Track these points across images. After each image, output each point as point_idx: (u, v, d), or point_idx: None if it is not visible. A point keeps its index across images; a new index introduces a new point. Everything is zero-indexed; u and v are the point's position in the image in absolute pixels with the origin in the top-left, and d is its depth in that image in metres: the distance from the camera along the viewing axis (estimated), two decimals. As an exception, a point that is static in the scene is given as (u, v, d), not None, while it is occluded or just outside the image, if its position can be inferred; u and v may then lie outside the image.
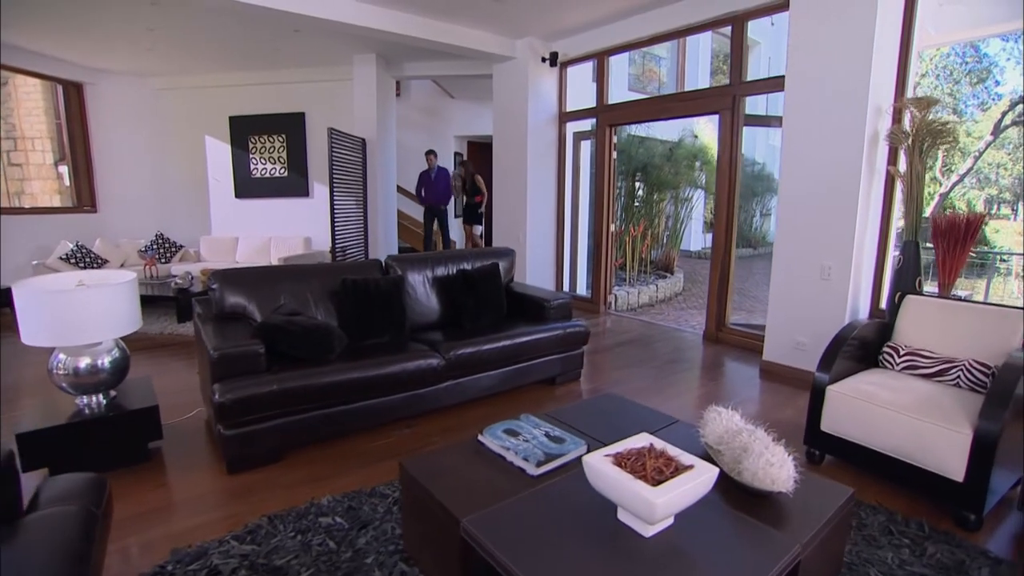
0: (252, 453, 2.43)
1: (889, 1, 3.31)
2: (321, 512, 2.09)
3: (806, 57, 3.52)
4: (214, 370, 2.39)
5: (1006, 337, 2.37)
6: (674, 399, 3.31)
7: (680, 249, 9.82)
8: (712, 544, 1.36)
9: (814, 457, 2.55)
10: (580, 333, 3.44)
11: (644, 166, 8.98)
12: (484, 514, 1.48)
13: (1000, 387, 2.02)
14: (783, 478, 1.49)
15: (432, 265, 3.47)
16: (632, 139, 9.04)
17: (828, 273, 3.55)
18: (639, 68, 12.25)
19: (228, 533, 1.95)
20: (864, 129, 3.31)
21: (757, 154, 13.38)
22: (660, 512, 1.25)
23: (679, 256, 9.60)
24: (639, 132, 9.07)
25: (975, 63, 11.81)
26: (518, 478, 1.68)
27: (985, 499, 2.01)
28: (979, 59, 11.78)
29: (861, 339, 2.70)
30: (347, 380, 2.59)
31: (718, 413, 1.80)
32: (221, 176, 6.87)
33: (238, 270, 3.01)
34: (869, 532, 1.99)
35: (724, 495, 1.58)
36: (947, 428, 2.06)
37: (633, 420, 2.11)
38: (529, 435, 1.86)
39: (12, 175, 6.46)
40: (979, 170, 14.10)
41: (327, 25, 4.62)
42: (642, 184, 9.20)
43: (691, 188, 9.86)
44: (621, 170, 9.01)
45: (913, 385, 2.40)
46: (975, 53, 11.68)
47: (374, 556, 1.82)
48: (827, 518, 1.48)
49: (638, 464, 1.37)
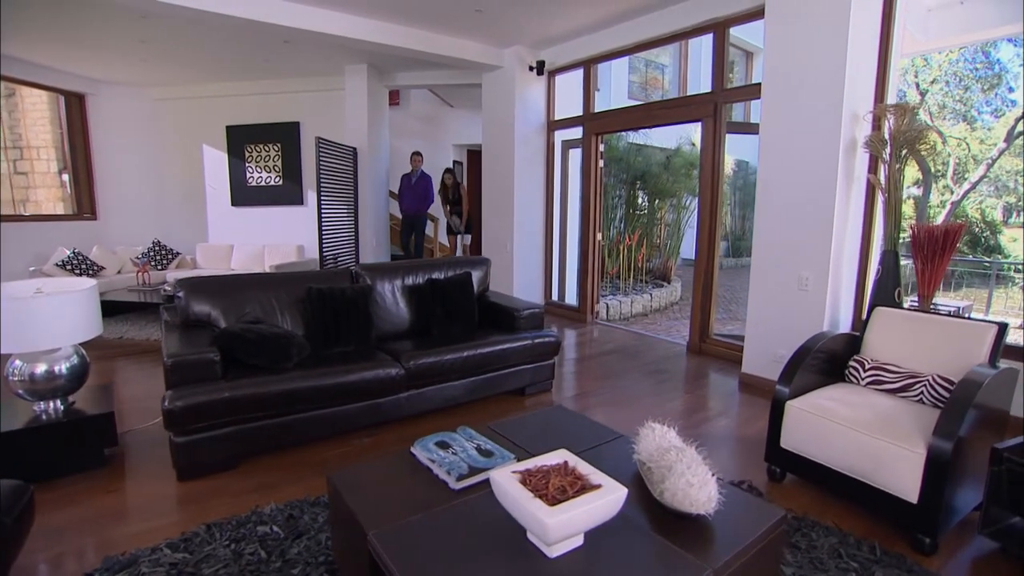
0: (204, 460, 2.43)
1: (865, 8, 3.25)
2: (261, 521, 2.08)
3: (781, 64, 3.48)
4: (168, 377, 2.41)
5: (971, 352, 2.29)
6: (642, 412, 3.25)
7: (681, 258, 9.72)
8: (618, 567, 1.31)
9: (775, 475, 2.48)
10: (550, 343, 3.41)
11: (643, 174, 8.92)
12: (393, 528, 1.46)
13: (954, 404, 1.94)
14: (703, 500, 1.45)
15: (403, 274, 3.47)
16: (631, 147, 8.99)
17: (805, 284, 3.48)
18: (642, 76, 12.24)
19: (164, 541, 1.95)
20: (839, 136, 3.25)
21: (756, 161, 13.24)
22: (553, 533, 1.22)
23: (680, 265, 9.50)
24: (637, 140, 9.02)
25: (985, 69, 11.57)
26: (440, 492, 1.65)
27: (939, 521, 1.93)
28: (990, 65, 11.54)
29: (829, 352, 2.63)
30: (302, 388, 2.58)
31: (652, 429, 1.76)
32: (218, 184, 6.99)
33: (204, 278, 3.04)
34: (817, 555, 1.92)
35: (648, 516, 1.54)
36: (901, 447, 1.99)
37: (575, 434, 2.07)
38: (460, 448, 1.83)
39: (17, 183, 6.63)
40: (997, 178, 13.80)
41: (315, 37, 4.69)
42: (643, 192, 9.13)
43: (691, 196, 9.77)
44: (621, 178, 8.97)
45: (875, 401, 2.32)
46: (985, 59, 11.44)
47: (302, 567, 1.81)
48: (748, 542, 1.43)
49: (543, 482, 1.34)
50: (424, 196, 6.92)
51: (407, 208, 6.93)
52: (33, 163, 6.70)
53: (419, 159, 6.95)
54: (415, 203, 6.88)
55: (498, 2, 4.32)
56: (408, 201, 6.91)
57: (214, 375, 2.49)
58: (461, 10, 4.50)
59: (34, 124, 6.72)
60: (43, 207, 6.72)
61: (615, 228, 8.54)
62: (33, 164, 6.70)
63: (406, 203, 6.93)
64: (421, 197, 6.90)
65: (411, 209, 6.92)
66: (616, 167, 8.80)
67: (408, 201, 6.91)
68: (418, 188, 6.90)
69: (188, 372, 2.43)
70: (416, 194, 6.88)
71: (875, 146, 3.32)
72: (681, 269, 9.56)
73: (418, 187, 6.90)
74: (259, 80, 6.64)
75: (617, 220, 8.86)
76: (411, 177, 6.93)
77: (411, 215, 6.95)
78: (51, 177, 6.66)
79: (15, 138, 6.58)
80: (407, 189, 6.91)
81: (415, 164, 6.93)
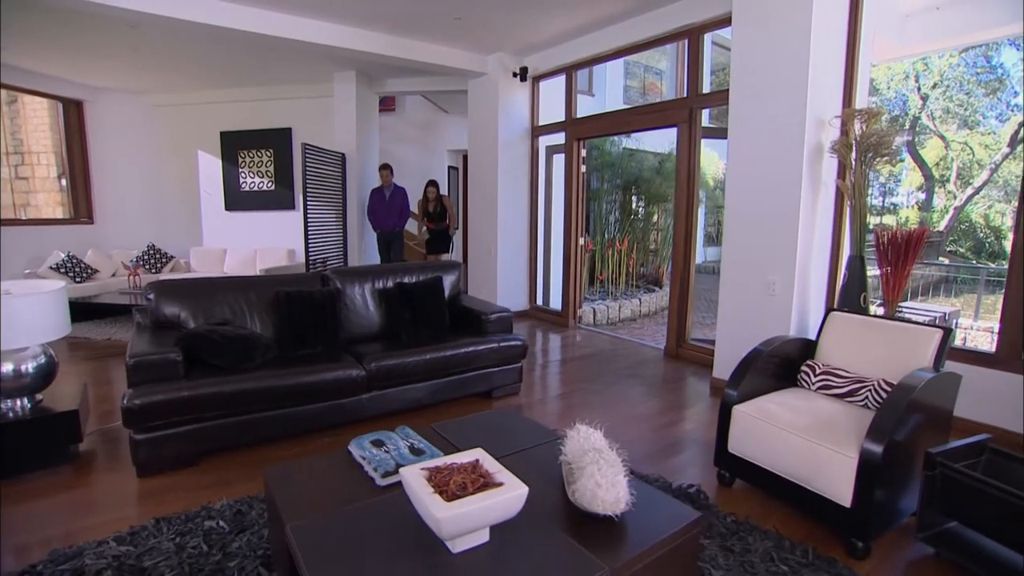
0: (163, 457, 2.50)
1: (828, 15, 3.28)
2: (210, 516, 2.14)
3: (748, 70, 3.51)
4: (130, 376, 2.48)
5: (916, 356, 2.30)
6: (605, 416, 3.28)
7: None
8: (517, 563, 1.35)
9: (724, 479, 2.49)
10: (517, 347, 3.45)
11: (636, 179, 8.95)
12: (311, 521, 1.50)
13: (886, 408, 1.96)
14: (610, 501, 1.48)
15: (372, 278, 3.53)
16: (624, 152, 9.03)
17: (773, 289, 3.49)
18: (640, 81, 12.28)
19: (112, 534, 2.01)
20: (803, 142, 3.27)
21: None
22: (445, 528, 1.26)
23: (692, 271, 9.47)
24: (630, 145, 9.05)
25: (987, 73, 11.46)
26: (366, 488, 1.70)
27: (872, 525, 1.94)
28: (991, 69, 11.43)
29: (783, 356, 2.64)
30: (261, 388, 2.65)
31: (578, 431, 1.79)
32: (212, 189, 7.12)
33: (175, 281, 3.12)
34: (750, 558, 1.94)
35: (563, 515, 1.57)
36: (836, 451, 2.01)
37: (514, 435, 2.11)
38: (393, 447, 1.88)
39: (19, 188, 6.81)
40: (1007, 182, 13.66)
41: (301, 46, 4.79)
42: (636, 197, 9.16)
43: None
44: (615, 184, 9.00)
45: (821, 406, 2.33)
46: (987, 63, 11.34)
47: (239, 560, 1.86)
48: (652, 544, 1.46)
49: (446, 479, 1.38)
50: (401, 211, 6.38)
51: (382, 225, 6.35)
52: (34, 168, 6.88)
53: (389, 173, 6.32)
54: (391, 220, 6.33)
55: (476, 11, 4.39)
56: (383, 218, 6.34)
57: (176, 375, 2.56)
58: (441, 18, 4.58)
59: (35, 130, 6.90)
60: (43, 211, 6.88)
61: (609, 233, 8.58)
62: (34, 169, 6.88)
63: (380, 220, 6.34)
64: (397, 213, 6.36)
65: (387, 226, 6.34)
66: (609, 172, 8.84)
67: (383, 218, 6.34)
68: (393, 204, 6.34)
69: (150, 371, 2.50)
70: (392, 210, 6.34)
71: (841, 151, 3.33)
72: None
73: (393, 203, 6.34)
74: (252, 87, 6.77)
75: (611, 225, 8.90)
76: (384, 192, 6.34)
77: (388, 233, 6.39)
78: (51, 182, 6.83)
79: (16, 144, 6.76)
80: (380, 205, 6.34)
81: (385, 178, 6.31)
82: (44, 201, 6.92)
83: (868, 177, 3.33)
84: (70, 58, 5.60)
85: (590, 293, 7.47)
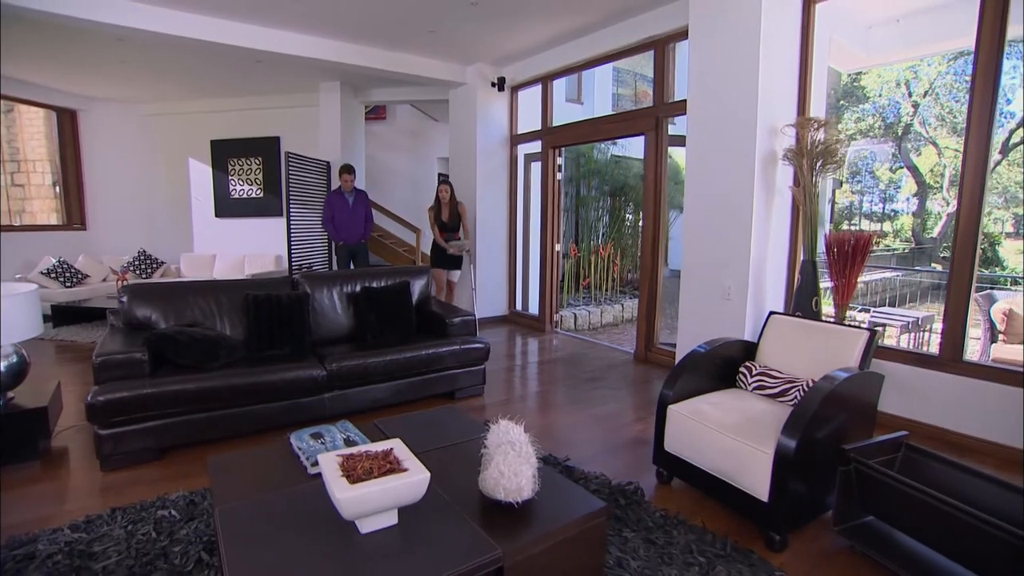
0: (127, 452, 2.62)
1: (781, 28, 3.40)
2: (164, 506, 2.25)
3: (703, 81, 3.63)
4: (96, 374, 2.60)
5: (843, 356, 2.40)
6: (561, 417, 3.37)
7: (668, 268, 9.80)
8: (418, 542, 1.45)
9: (662, 477, 2.58)
10: (479, 349, 3.56)
11: (622, 186, 9.06)
12: (239, 505, 1.61)
13: (802, 406, 2.05)
14: (512, 489, 1.58)
15: (341, 283, 3.66)
16: (610, 160, 9.15)
17: (728, 293, 3.59)
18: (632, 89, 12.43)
19: (68, 523, 2.12)
20: (755, 149, 3.38)
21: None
22: (346, 508, 1.37)
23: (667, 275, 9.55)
24: (616, 152, 9.18)
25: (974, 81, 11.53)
26: (297, 475, 1.81)
27: (788, 518, 2.03)
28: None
29: (725, 358, 2.74)
30: (222, 386, 2.77)
31: (498, 426, 1.89)
32: (203, 196, 7.29)
33: (148, 284, 3.26)
34: (671, 551, 2.02)
35: (475, 502, 1.66)
36: (755, 447, 2.10)
37: (450, 430, 2.21)
38: (330, 439, 1.99)
39: (14, 195, 7.00)
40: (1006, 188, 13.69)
41: (285, 58, 4.95)
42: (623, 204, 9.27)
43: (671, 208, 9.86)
44: (603, 190, 9.13)
45: (752, 405, 2.43)
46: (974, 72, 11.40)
47: (184, 545, 1.98)
48: (549, 530, 1.55)
49: (355, 464, 1.49)
50: (366, 219, 5.54)
51: (346, 238, 5.44)
52: (29, 175, 7.07)
53: (350, 176, 5.41)
54: (357, 230, 5.48)
55: (448, 24, 4.54)
56: (347, 229, 5.42)
57: (141, 373, 2.68)
58: (416, 31, 4.73)
59: (31, 139, 7.11)
60: (37, 218, 7.07)
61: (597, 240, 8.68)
62: (29, 177, 7.07)
63: (344, 231, 5.43)
64: (362, 222, 5.51)
65: (352, 239, 5.46)
66: (597, 179, 8.97)
67: (347, 229, 5.42)
68: (357, 211, 5.47)
69: (115, 370, 2.62)
70: (356, 219, 5.46)
71: (795, 159, 3.44)
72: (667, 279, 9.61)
73: (357, 210, 5.47)
74: (241, 97, 6.95)
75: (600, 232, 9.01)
76: (346, 197, 5.44)
77: (351, 246, 5.50)
78: (45, 189, 7.02)
79: (13, 152, 6.96)
80: (343, 213, 5.40)
81: (346, 182, 5.39)
82: (39, 208, 7.10)
83: (818, 184, 3.43)
84: (62, 69, 5.78)
85: (574, 298, 7.58)
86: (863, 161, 14.65)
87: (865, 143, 14.21)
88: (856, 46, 4.61)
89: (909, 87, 12.97)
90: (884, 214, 15.64)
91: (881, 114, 13.85)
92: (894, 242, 14.94)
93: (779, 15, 3.39)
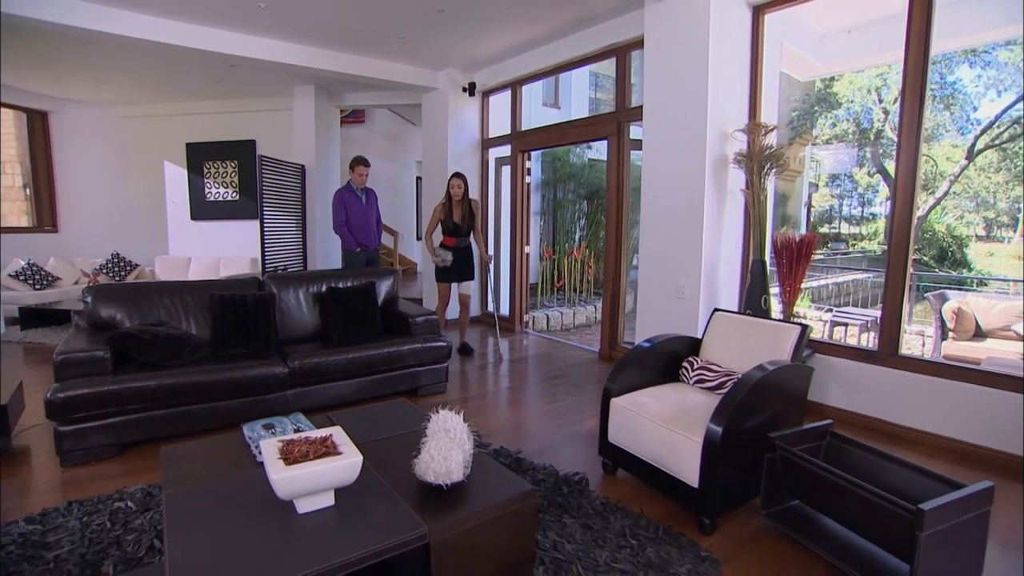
0: (87, 448, 2.67)
1: (730, 38, 3.56)
2: (121, 498, 2.31)
3: (657, 87, 3.78)
4: (57, 372, 2.66)
5: (777, 350, 2.53)
6: (519, 412, 3.48)
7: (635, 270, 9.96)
8: (353, 521, 1.55)
9: (607, 467, 2.69)
10: (441, 348, 3.65)
11: (597, 189, 9.22)
12: (186, 490, 1.69)
13: (729, 395, 2.18)
14: (441, 472, 1.68)
15: (307, 283, 3.73)
16: (587, 164, 9.31)
17: (682, 292, 3.73)
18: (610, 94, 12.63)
19: (24, 516, 2.18)
20: (705, 152, 3.53)
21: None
22: (280, 488, 1.46)
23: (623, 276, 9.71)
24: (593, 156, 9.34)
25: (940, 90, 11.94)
26: (247, 463, 1.89)
27: (716, 502, 2.15)
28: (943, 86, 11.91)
29: (670, 353, 2.87)
30: (186, 383, 2.83)
31: (438, 415, 1.99)
32: (178, 199, 7.30)
33: (112, 285, 3.31)
34: (605, 535, 2.12)
35: (411, 486, 1.75)
36: (686, 436, 2.22)
37: (397, 422, 2.30)
38: (281, 429, 2.07)
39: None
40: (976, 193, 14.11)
41: (256, 63, 5.01)
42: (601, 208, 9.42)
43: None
44: (579, 194, 9.29)
45: (690, 397, 2.55)
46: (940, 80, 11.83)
47: (137, 534, 2.05)
48: (477, 510, 1.65)
49: (294, 449, 1.58)
50: (378, 221, 5.00)
51: (365, 243, 4.75)
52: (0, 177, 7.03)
53: (365, 168, 4.77)
54: (371, 232, 4.84)
55: (418, 31, 4.65)
56: (364, 232, 4.74)
57: (103, 370, 2.74)
58: (386, 37, 4.82)
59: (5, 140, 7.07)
60: (8, 220, 7.02)
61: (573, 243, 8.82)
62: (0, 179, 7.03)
63: (362, 235, 4.72)
64: (376, 222, 4.95)
65: (372, 243, 4.81)
66: (573, 183, 9.12)
67: (364, 232, 4.74)
68: (372, 210, 4.87)
69: (76, 368, 2.68)
70: (371, 220, 4.86)
71: (746, 162, 3.59)
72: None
73: (371, 208, 4.87)
74: (216, 100, 6.99)
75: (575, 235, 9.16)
76: (359, 195, 4.77)
77: (370, 251, 4.83)
78: (16, 191, 6.97)
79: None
80: (359, 215, 4.71)
81: (360, 175, 4.72)
82: (8, 210, 7.05)
83: (766, 187, 3.59)
84: (33, 71, 5.78)
85: (549, 300, 7.70)
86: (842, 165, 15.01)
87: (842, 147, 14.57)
88: (811, 55, 4.81)
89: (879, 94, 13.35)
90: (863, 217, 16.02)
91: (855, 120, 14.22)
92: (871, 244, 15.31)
93: (728, 24, 3.55)
